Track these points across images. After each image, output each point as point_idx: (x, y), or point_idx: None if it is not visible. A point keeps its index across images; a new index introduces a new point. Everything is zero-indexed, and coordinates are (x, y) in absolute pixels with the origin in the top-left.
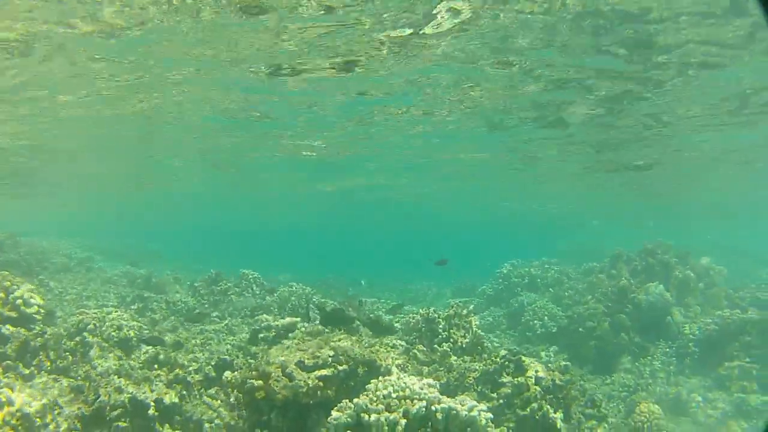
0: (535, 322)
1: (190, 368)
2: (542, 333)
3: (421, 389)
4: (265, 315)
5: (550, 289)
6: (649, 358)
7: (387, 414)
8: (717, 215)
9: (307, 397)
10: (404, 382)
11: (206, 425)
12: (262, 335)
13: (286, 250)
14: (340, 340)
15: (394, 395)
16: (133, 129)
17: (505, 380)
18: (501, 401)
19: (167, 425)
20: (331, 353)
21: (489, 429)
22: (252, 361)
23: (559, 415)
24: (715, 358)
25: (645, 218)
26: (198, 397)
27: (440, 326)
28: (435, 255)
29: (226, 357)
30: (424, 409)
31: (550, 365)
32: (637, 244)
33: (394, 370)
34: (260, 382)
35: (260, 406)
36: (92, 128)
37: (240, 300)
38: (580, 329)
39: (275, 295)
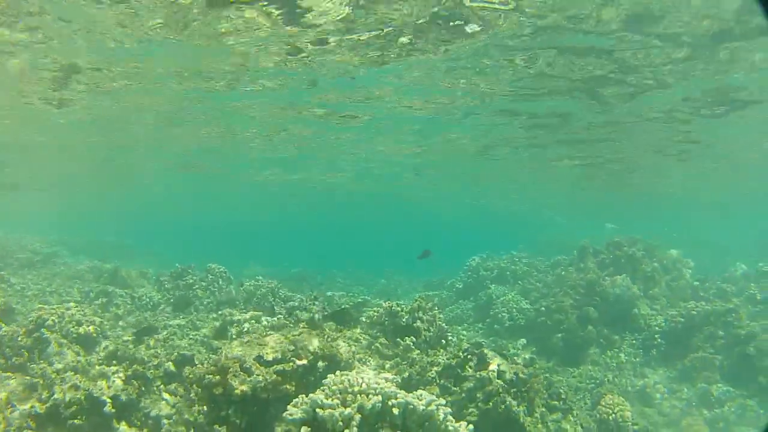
0: (504, 314)
1: (150, 364)
2: (510, 326)
3: (378, 384)
4: (229, 309)
5: (519, 282)
6: (616, 350)
7: (342, 409)
8: (688, 209)
9: (266, 392)
10: (361, 377)
11: (164, 422)
12: (226, 330)
13: (260, 244)
14: (300, 334)
15: (350, 390)
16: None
17: (467, 374)
18: (464, 395)
19: (124, 422)
20: (291, 348)
21: (448, 423)
22: (212, 355)
23: (522, 408)
24: (680, 350)
25: (615, 217)
26: (157, 393)
27: (403, 320)
28: (411, 249)
29: (186, 352)
30: (379, 404)
31: (516, 358)
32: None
33: (356, 364)
34: (218, 377)
35: (219, 401)
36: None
37: (205, 294)
38: (548, 322)
39: (241, 288)
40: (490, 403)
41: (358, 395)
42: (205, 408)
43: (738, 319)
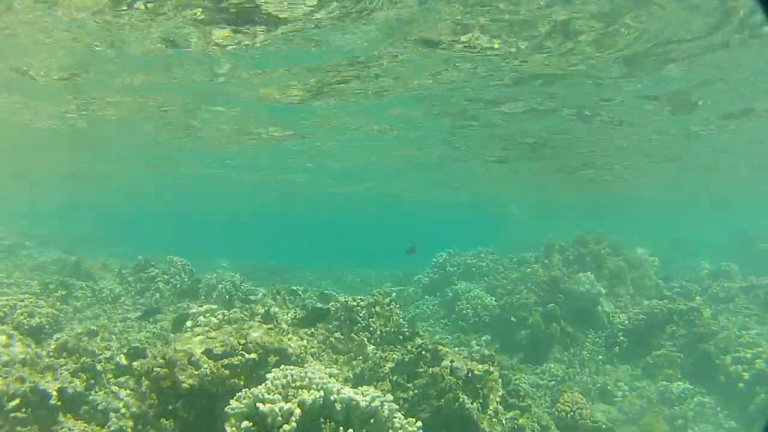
0: (468, 311)
1: (101, 357)
2: (475, 322)
3: (321, 379)
4: (188, 302)
5: (485, 279)
6: (579, 347)
7: (282, 404)
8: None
9: (214, 386)
10: (305, 372)
11: (112, 415)
12: (182, 323)
13: (236, 238)
14: (251, 327)
15: (292, 385)
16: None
17: (421, 370)
18: (417, 391)
19: (70, 415)
20: (242, 341)
21: (395, 420)
22: (163, 348)
23: (476, 405)
24: (642, 348)
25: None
26: (108, 386)
27: (360, 315)
28: (385, 244)
29: (138, 345)
30: (321, 399)
31: (474, 355)
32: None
33: (309, 359)
34: (166, 370)
35: (167, 394)
36: None
37: (167, 287)
38: (513, 318)
39: (203, 282)
40: (443, 400)
41: (300, 390)
42: (153, 401)
43: (699, 318)
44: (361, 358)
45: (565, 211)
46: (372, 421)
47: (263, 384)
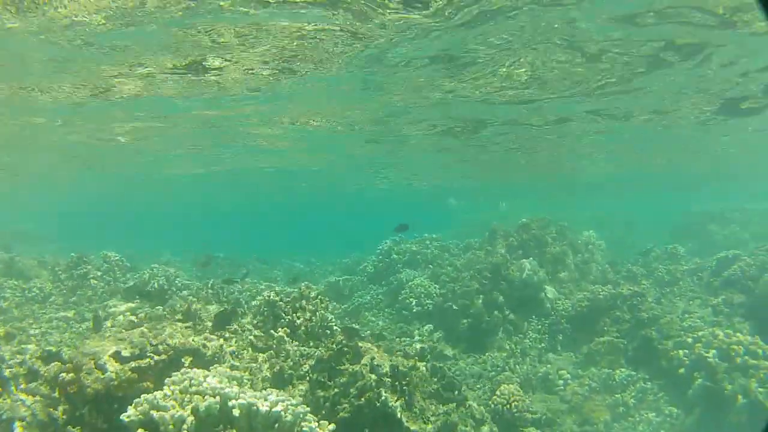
0: (411, 300)
1: (12, 362)
2: (418, 311)
3: (220, 383)
4: (114, 300)
5: (430, 266)
6: (521, 335)
7: (174, 411)
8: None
9: (121, 390)
10: (204, 376)
11: (17, 424)
12: (101, 322)
13: (182, 231)
14: (162, 327)
15: (191, 389)
16: None
17: (342, 368)
18: (337, 390)
19: None
20: (154, 342)
21: (303, 425)
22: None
23: (400, 402)
24: (586, 334)
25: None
26: (14, 393)
27: (283, 310)
28: (333, 232)
29: (51, 348)
30: (216, 405)
31: (407, 348)
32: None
33: (228, 358)
34: (72, 374)
35: (74, 400)
36: None
37: (100, 284)
38: (455, 307)
39: (135, 277)
40: (363, 399)
41: (194, 396)
42: (64, 407)
43: (643, 303)
44: (283, 355)
45: (525, 193)
46: (277, 425)
47: (161, 389)
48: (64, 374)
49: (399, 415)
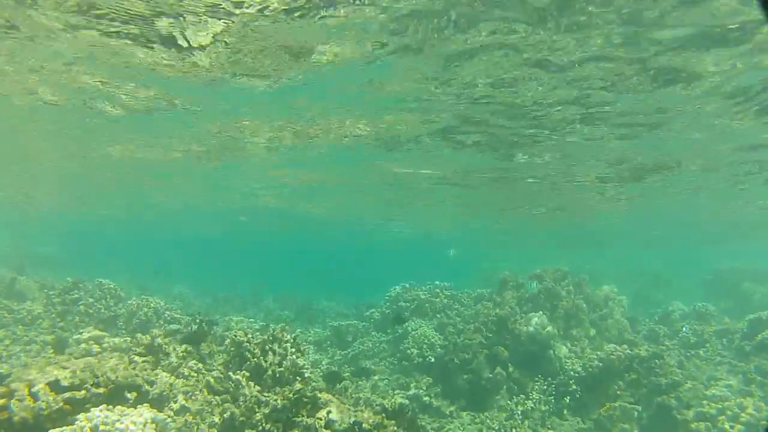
0: (413, 350)
1: None
2: (420, 363)
3: (134, 425)
4: (90, 327)
5: (438, 316)
6: (523, 396)
7: None
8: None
9: (50, 422)
10: (115, 417)
11: None
12: (63, 349)
13: (203, 264)
14: (111, 359)
15: (101, 429)
16: None
17: (298, 419)
18: None
19: None
20: (97, 374)
21: None
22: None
23: None
24: (596, 398)
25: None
26: None
27: (251, 351)
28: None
29: (2, 371)
30: None
31: (384, 402)
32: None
33: (180, 397)
34: (3, 400)
35: (4, 428)
36: None
37: (87, 311)
38: (456, 360)
39: (125, 307)
40: None
41: None
42: None
43: (663, 366)
44: (237, 400)
45: (545, 241)
46: None
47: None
48: None
49: None
